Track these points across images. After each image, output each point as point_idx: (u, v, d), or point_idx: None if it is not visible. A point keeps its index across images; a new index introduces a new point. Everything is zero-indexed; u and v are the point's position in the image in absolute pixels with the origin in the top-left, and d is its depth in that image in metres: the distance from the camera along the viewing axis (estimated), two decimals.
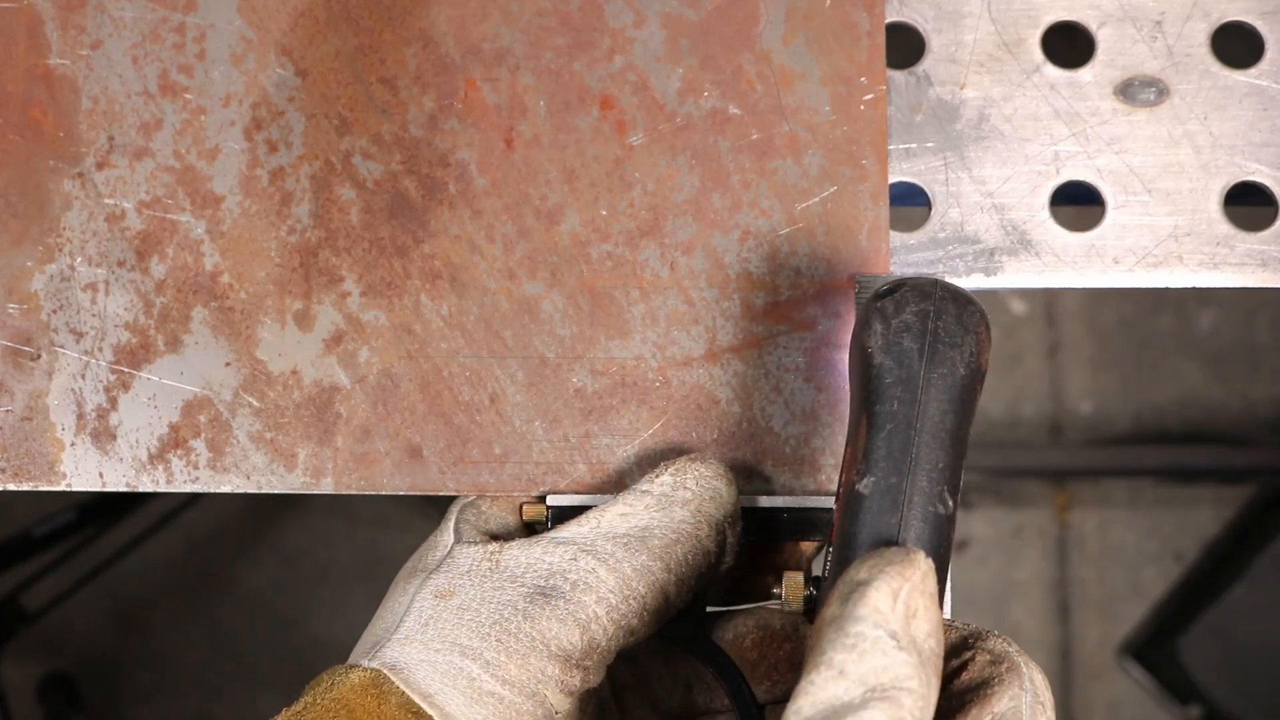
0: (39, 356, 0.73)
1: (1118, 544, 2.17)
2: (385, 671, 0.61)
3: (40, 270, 0.73)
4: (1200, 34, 0.76)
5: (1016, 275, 0.74)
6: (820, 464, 0.71)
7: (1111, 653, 2.12)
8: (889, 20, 0.75)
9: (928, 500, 0.55)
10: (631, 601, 0.63)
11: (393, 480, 0.72)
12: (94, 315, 0.73)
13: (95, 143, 0.74)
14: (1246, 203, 0.75)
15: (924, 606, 0.51)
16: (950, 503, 0.55)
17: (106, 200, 0.73)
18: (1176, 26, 0.76)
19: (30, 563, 1.89)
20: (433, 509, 1.58)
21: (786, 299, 0.72)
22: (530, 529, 0.71)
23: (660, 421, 0.72)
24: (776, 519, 0.70)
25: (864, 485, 0.55)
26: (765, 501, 0.70)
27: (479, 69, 0.74)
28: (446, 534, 0.68)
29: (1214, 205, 0.74)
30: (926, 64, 0.76)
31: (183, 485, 0.72)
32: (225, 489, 0.72)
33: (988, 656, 0.56)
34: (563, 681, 0.62)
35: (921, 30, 0.76)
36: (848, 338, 0.72)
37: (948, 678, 0.55)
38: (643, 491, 0.65)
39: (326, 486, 0.72)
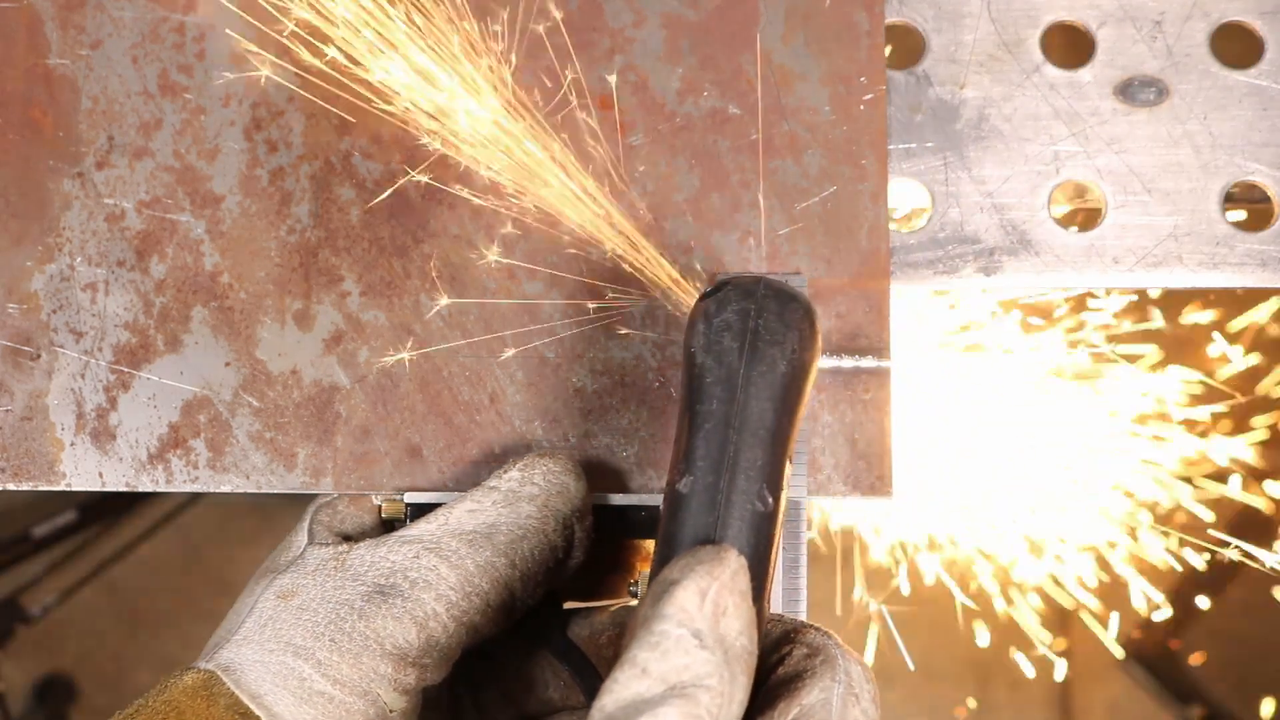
0: (39, 356, 0.73)
1: None
2: (218, 673, 0.62)
3: (40, 270, 0.73)
4: (1200, 34, 0.76)
5: (1016, 275, 0.74)
6: (820, 464, 0.71)
7: (1112, 653, 2.12)
8: (889, 20, 0.75)
9: (746, 499, 0.55)
10: (474, 598, 0.63)
11: (393, 480, 0.72)
12: (94, 315, 0.73)
13: (95, 143, 0.74)
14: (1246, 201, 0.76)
15: (733, 604, 0.51)
16: (770, 500, 0.55)
17: (106, 200, 0.73)
18: (1176, 26, 0.76)
19: (30, 563, 1.89)
20: None
21: None
22: (390, 526, 0.72)
23: (660, 421, 0.72)
24: (633, 517, 0.70)
25: (683, 485, 0.55)
26: (620, 499, 0.70)
27: None
28: (301, 534, 0.69)
29: (1214, 205, 0.74)
30: (926, 64, 0.76)
31: (182, 485, 0.72)
32: (225, 489, 0.72)
33: (804, 650, 0.56)
34: (396, 680, 0.62)
35: (921, 30, 0.76)
36: (850, 339, 0.72)
37: (767, 672, 0.56)
38: (491, 488, 0.66)
39: (326, 486, 0.72)
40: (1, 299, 0.73)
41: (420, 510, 0.69)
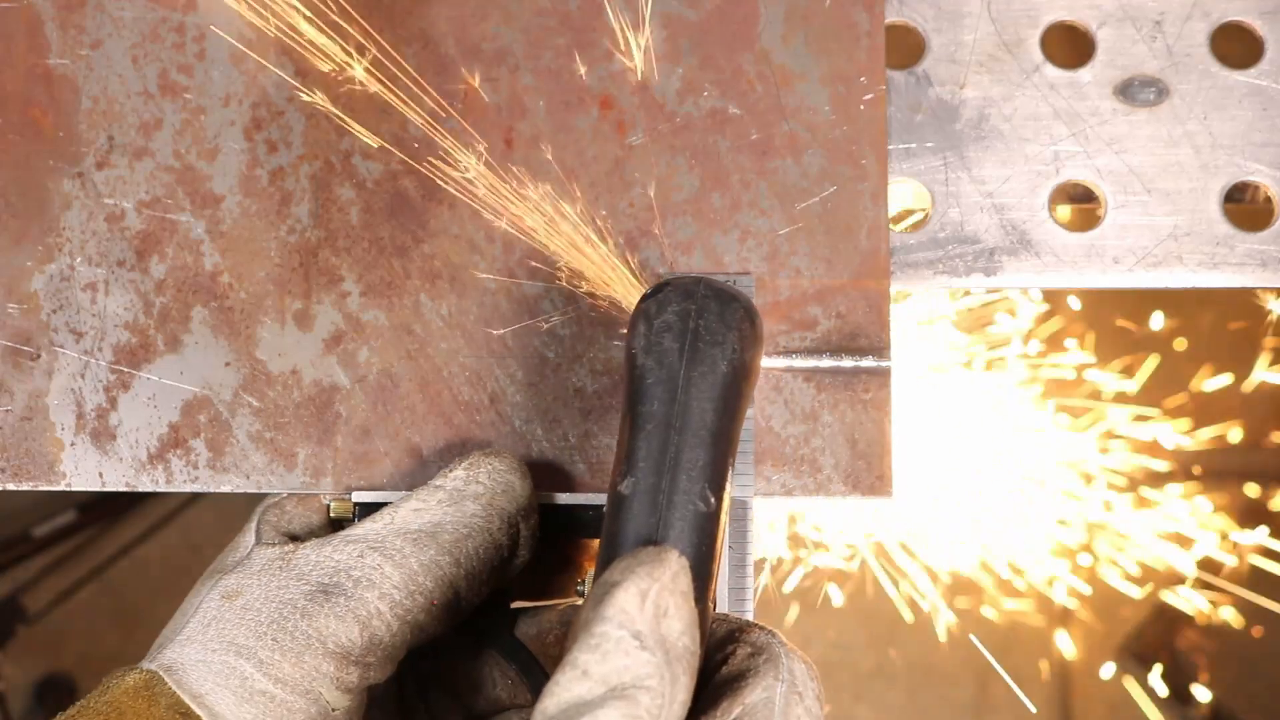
0: (39, 356, 0.73)
1: None
2: (160, 673, 0.62)
3: (40, 270, 0.73)
4: (1200, 34, 0.76)
5: (1016, 275, 0.74)
6: (820, 464, 0.71)
7: (1112, 653, 2.13)
8: (889, 20, 0.75)
9: (688, 499, 0.55)
10: (418, 597, 0.64)
11: (393, 480, 0.72)
12: (94, 315, 0.73)
13: (95, 143, 0.74)
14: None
15: (674, 605, 0.52)
16: (713, 500, 0.55)
17: (106, 200, 0.73)
18: (1176, 26, 0.76)
19: (30, 563, 1.90)
20: None
21: (786, 299, 0.72)
22: (338, 525, 0.72)
23: None
24: (581, 516, 0.71)
25: (625, 486, 0.55)
26: (566, 499, 0.71)
27: (479, 69, 0.74)
28: (248, 535, 0.69)
29: (1214, 205, 0.74)
30: (926, 64, 0.76)
31: (182, 485, 0.72)
32: (225, 489, 0.72)
33: (748, 649, 0.56)
34: (339, 678, 0.62)
35: (921, 30, 0.76)
36: (850, 339, 0.72)
37: (711, 671, 0.56)
38: (436, 486, 0.66)
39: (326, 486, 0.72)
40: (1, 299, 0.73)
41: (368, 509, 0.69)
